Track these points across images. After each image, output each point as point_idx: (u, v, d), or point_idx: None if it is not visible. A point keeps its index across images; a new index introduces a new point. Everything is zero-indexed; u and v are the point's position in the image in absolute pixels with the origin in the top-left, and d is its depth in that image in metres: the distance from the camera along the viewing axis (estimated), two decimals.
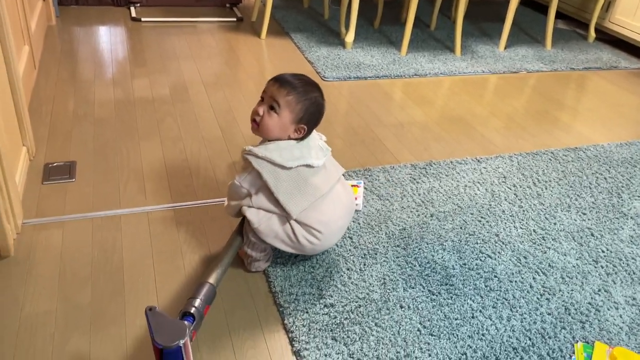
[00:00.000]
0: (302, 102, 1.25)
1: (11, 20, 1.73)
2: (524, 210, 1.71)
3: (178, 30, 2.97)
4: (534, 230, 1.62)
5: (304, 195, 1.25)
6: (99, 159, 1.78)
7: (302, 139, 1.29)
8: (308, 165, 1.27)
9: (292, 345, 1.19)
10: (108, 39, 2.75)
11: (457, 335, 1.24)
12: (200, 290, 1.16)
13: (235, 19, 3.17)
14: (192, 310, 1.11)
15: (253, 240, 1.31)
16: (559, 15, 3.76)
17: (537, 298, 1.37)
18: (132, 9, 3.12)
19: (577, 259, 1.52)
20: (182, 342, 0.98)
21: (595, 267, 1.50)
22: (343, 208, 1.34)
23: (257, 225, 1.27)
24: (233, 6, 3.36)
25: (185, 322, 1.04)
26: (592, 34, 3.39)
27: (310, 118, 1.27)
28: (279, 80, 1.26)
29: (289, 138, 1.28)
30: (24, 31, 2.12)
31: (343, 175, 1.42)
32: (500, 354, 1.20)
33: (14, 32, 1.75)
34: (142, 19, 3.00)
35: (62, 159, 1.75)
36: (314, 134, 1.34)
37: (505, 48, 3.13)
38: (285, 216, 1.27)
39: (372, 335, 1.22)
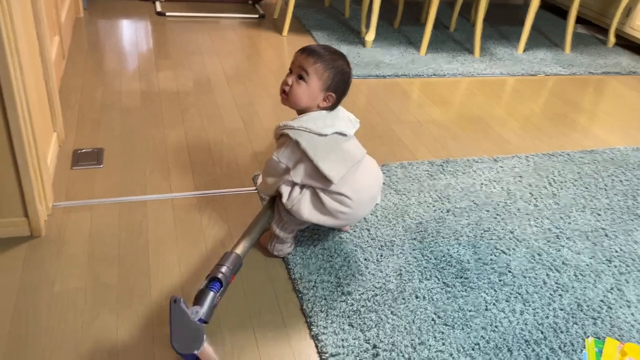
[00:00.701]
0: (329, 69, 1.27)
1: (46, 12, 1.79)
2: (539, 209, 1.74)
3: (201, 25, 3.02)
4: (549, 229, 1.65)
5: (342, 161, 1.28)
6: (125, 146, 1.84)
7: (331, 108, 1.32)
8: (341, 134, 1.30)
9: (310, 330, 1.23)
10: (134, 31, 2.82)
11: (471, 326, 1.28)
12: (227, 258, 1.20)
13: (257, 16, 3.23)
14: (220, 275, 1.15)
15: (285, 219, 1.35)
16: (579, 20, 3.76)
17: (550, 294, 1.40)
18: (157, 3, 3.19)
19: (590, 258, 1.54)
20: (197, 351, 1.01)
21: (608, 266, 1.52)
22: (373, 177, 1.38)
23: (291, 204, 1.31)
24: (255, 3, 3.41)
25: (202, 326, 1.06)
26: (612, 39, 3.40)
27: (338, 86, 1.29)
28: (307, 50, 1.28)
29: (319, 107, 1.30)
30: (55, 22, 2.19)
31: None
32: (512, 345, 1.24)
33: (47, 23, 1.81)
34: (167, 14, 3.06)
35: (91, 146, 1.81)
36: (341, 113, 1.35)
37: (524, 51, 3.15)
38: (320, 188, 1.30)
39: (388, 323, 1.26)
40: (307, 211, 1.31)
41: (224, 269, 1.17)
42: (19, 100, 1.23)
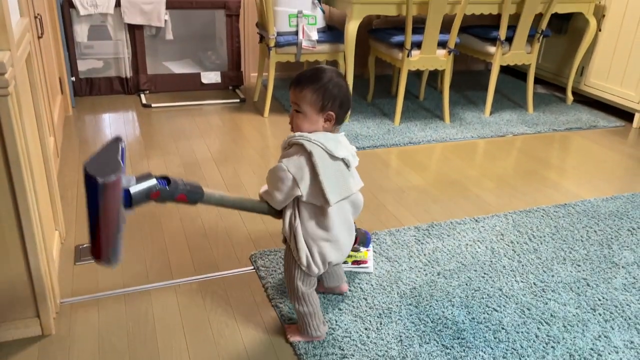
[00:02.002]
0: (317, 92, 1.29)
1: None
2: (523, 265, 1.84)
3: (186, 113, 3.18)
4: (534, 283, 1.74)
5: (341, 189, 1.32)
6: (124, 238, 1.90)
7: (338, 123, 1.34)
8: (346, 163, 1.34)
9: None
10: (122, 124, 2.95)
11: None
12: (192, 182, 1.22)
13: (238, 100, 3.41)
14: (172, 178, 1.16)
15: (294, 275, 1.37)
16: (538, 80, 4.05)
17: (543, 347, 1.47)
18: (142, 96, 3.35)
19: (576, 308, 1.63)
20: (101, 180, 0.95)
21: (593, 314, 1.61)
22: (349, 227, 1.41)
23: (290, 227, 1.33)
24: (235, 88, 3.61)
25: (121, 163, 1.01)
26: (570, 96, 3.65)
27: (333, 101, 1.30)
28: (294, 82, 1.33)
29: (323, 128, 1.32)
30: (49, 124, 2.31)
31: None
32: None
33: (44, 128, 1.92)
34: (153, 105, 3.22)
35: None
36: (347, 143, 1.37)
37: (490, 114, 3.37)
38: (308, 218, 1.32)
39: None
40: (302, 236, 1.33)
41: (180, 180, 1.18)
42: (31, 204, 1.32)
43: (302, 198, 1.30)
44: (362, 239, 1.65)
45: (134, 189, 1.09)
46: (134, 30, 3.27)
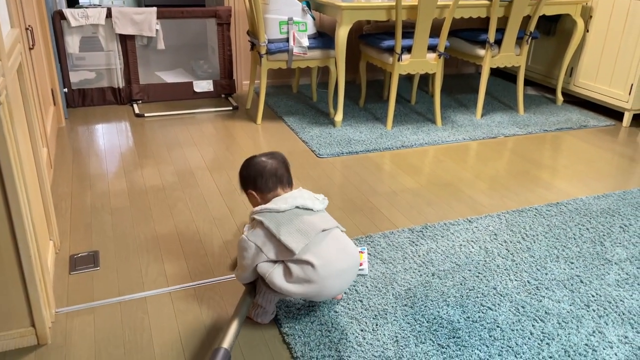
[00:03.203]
0: (239, 180, 1.66)
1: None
2: (516, 264, 1.85)
3: (179, 121, 3.19)
4: (528, 281, 1.75)
5: (303, 233, 1.44)
6: (119, 246, 1.91)
7: (266, 191, 1.57)
8: (305, 208, 1.49)
9: None
10: (115, 134, 2.96)
11: None
12: (217, 354, 1.31)
13: (231, 108, 3.42)
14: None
15: (264, 290, 1.49)
16: (528, 82, 4.09)
17: (538, 343, 1.48)
18: (135, 105, 3.36)
19: (570, 305, 1.65)
20: None
21: (587, 311, 1.62)
22: (343, 251, 1.48)
23: (267, 275, 1.45)
24: (228, 96, 3.62)
25: None
26: (560, 97, 3.69)
27: (245, 182, 1.62)
28: None
29: (267, 201, 1.54)
30: (43, 135, 2.31)
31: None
32: None
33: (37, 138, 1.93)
34: (145, 114, 3.23)
35: (86, 249, 1.88)
36: (304, 193, 1.54)
37: (481, 116, 3.39)
38: (288, 260, 1.44)
39: None
40: (279, 281, 1.44)
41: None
42: (25, 214, 1.32)
43: (271, 258, 1.46)
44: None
45: None
46: (126, 41, 3.29)
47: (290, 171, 1.62)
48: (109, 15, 3.18)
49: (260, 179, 1.58)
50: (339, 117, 3.13)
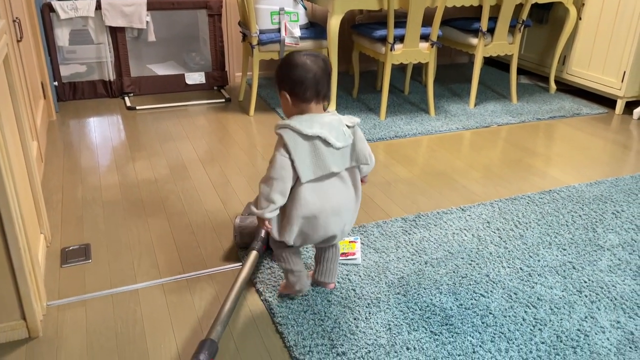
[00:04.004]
0: (276, 75, 1.45)
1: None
2: (509, 251, 1.85)
3: (171, 114, 3.17)
4: (521, 268, 1.76)
5: (315, 166, 1.39)
6: (111, 239, 1.90)
7: (299, 102, 1.41)
8: (326, 142, 1.39)
9: None
10: (107, 128, 2.94)
11: None
12: (203, 345, 1.33)
13: (223, 100, 3.40)
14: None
15: (279, 252, 1.51)
16: (521, 71, 4.08)
17: (531, 329, 1.49)
18: (127, 98, 3.34)
19: (562, 291, 1.65)
20: None
21: (580, 296, 1.63)
22: (342, 197, 1.46)
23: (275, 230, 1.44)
24: (220, 88, 3.60)
25: None
26: (553, 85, 3.68)
27: (281, 80, 1.42)
28: None
29: (295, 110, 1.42)
30: (32, 128, 2.29)
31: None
32: None
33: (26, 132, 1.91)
34: (137, 107, 3.21)
35: (77, 243, 1.87)
36: (334, 121, 1.42)
37: (475, 105, 3.39)
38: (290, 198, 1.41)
39: None
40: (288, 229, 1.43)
41: (201, 356, 1.29)
42: (13, 207, 1.31)
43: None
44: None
45: None
46: (116, 33, 3.26)
47: (330, 83, 1.47)
48: (98, 7, 3.15)
49: (299, 85, 1.40)
50: (331, 108, 3.12)
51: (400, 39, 3.02)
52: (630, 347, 1.43)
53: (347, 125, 1.44)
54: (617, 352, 1.41)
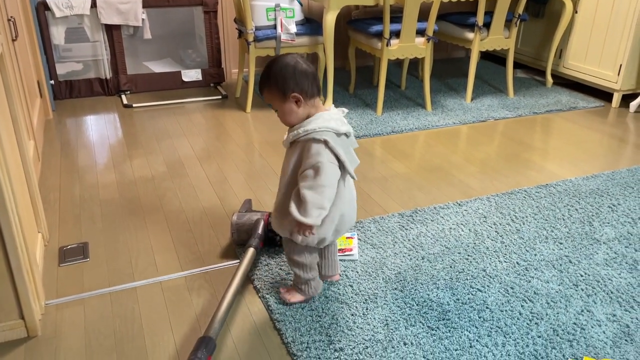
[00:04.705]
0: (273, 85, 1.34)
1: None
2: (506, 246, 1.86)
3: (168, 111, 3.17)
4: (517, 263, 1.76)
5: (352, 161, 1.40)
6: (109, 237, 1.90)
7: (308, 100, 1.35)
8: (347, 134, 1.39)
9: None
10: (103, 126, 2.94)
11: None
12: (201, 342, 1.34)
13: (220, 97, 3.40)
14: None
15: (299, 249, 1.47)
16: (517, 65, 4.07)
17: (527, 323, 1.49)
18: (123, 96, 3.33)
19: (559, 285, 1.66)
20: None
21: (576, 290, 1.64)
22: (352, 184, 1.50)
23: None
24: (217, 85, 3.60)
25: None
26: (549, 79, 3.69)
27: (287, 84, 1.33)
28: (259, 88, 1.41)
29: (307, 110, 1.36)
30: (29, 127, 2.29)
31: None
32: None
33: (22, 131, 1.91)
34: (134, 105, 3.21)
35: (75, 241, 1.87)
36: (342, 115, 1.41)
37: (471, 100, 3.39)
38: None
39: None
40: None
41: (199, 354, 1.30)
42: (10, 206, 1.31)
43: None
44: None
45: None
46: (112, 31, 3.25)
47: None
48: (93, 4, 3.14)
49: (305, 79, 1.33)
50: (328, 103, 3.12)
51: (396, 34, 3.01)
52: (625, 340, 1.44)
53: None
54: (613, 345, 1.42)
